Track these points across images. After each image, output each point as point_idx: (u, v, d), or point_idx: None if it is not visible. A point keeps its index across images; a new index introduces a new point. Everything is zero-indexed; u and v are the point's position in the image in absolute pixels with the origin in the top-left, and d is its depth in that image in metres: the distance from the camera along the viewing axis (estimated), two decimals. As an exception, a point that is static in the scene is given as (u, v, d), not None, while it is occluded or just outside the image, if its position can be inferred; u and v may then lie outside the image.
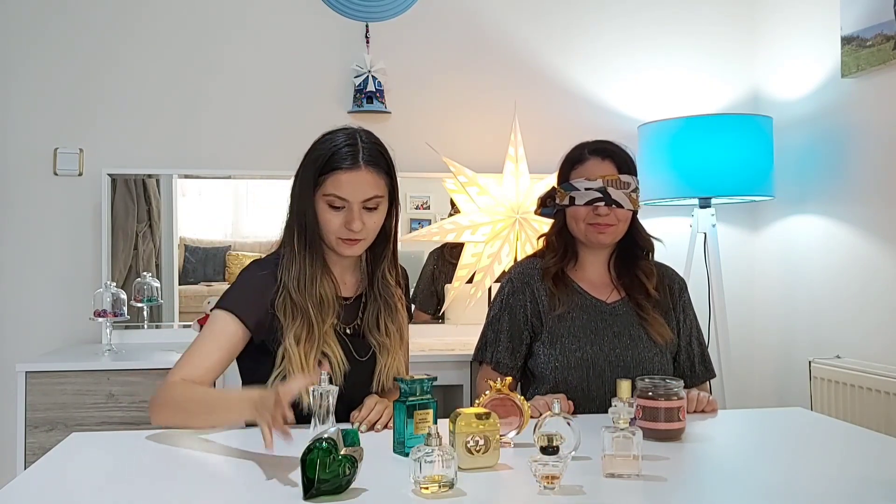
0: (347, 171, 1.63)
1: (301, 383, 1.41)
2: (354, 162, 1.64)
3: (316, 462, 1.17)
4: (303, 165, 1.69)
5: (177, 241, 3.02)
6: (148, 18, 3.00)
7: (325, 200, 1.65)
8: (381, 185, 1.68)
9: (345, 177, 1.63)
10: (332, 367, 1.64)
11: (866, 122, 2.69)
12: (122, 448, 1.55)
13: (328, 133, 1.70)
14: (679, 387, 1.54)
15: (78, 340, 2.89)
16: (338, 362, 1.65)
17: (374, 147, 1.68)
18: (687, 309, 2.00)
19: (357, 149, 1.65)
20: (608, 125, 3.13)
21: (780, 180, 2.92)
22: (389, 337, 1.74)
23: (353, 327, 1.74)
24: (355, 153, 1.64)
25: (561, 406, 1.40)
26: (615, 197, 1.88)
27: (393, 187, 1.72)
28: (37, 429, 2.38)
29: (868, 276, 2.68)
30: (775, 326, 3.17)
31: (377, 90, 3.03)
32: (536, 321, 1.92)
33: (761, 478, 1.31)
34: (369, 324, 1.74)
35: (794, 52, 3.06)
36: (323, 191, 1.65)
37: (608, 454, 1.30)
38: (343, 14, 3.09)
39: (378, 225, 1.70)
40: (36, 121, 2.94)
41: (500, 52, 3.17)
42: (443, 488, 1.20)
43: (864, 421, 2.42)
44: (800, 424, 1.77)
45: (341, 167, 1.63)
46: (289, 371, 1.62)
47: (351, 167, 1.63)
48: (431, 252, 3.12)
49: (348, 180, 1.63)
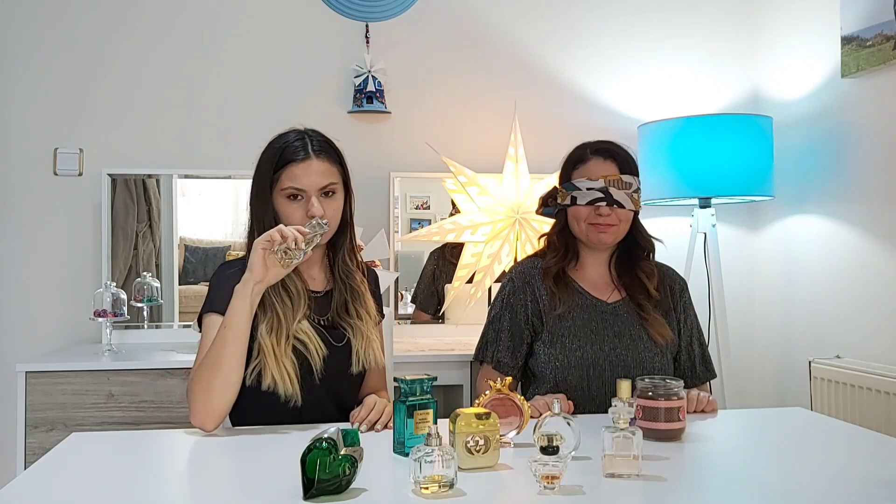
0: (301, 162, 1.70)
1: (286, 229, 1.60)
2: (306, 153, 1.71)
3: (316, 462, 1.17)
4: (257, 169, 1.75)
5: (177, 241, 3.02)
6: (148, 18, 3.00)
7: (283, 195, 1.71)
8: (334, 172, 1.74)
9: (298, 168, 1.70)
10: (311, 353, 1.68)
11: (866, 122, 2.69)
12: (122, 448, 1.55)
13: (278, 135, 1.77)
14: (679, 387, 1.54)
15: (78, 340, 2.89)
16: (315, 347, 1.68)
17: (322, 139, 1.77)
18: (687, 309, 2.00)
19: (306, 142, 1.73)
20: (608, 125, 3.13)
21: (780, 180, 2.92)
22: (361, 319, 1.78)
23: (327, 319, 1.77)
24: (305, 145, 1.72)
25: (561, 406, 1.40)
26: (617, 197, 1.88)
27: (346, 176, 1.78)
28: (37, 429, 2.38)
29: (868, 276, 2.68)
30: (775, 326, 3.17)
31: (377, 90, 3.03)
32: (537, 321, 1.92)
33: (761, 478, 1.31)
34: (339, 310, 1.77)
35: (794, 52, 3.06)
36: (280, 186, 1.71)
37: (608, 454, 1.30)
38: (343, 14, 3.09)
39: (338, 212, 1.76)
40: (36, 121, 2.94)
41: (500, 52, 3.17)
42: (443, 488, 1.20)
43: (864, 421, 2.42)
44: (800, 424, 1.77)
45: (294, 160, 1.70)
46: (264, 364, 1.64)
47: (304, 158, 1.70)
48: (431, 252, 3.12)
49: (303, 171, 1.70)
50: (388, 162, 3.02)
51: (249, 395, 1.65)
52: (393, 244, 3.02)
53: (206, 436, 1.57)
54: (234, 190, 3.11)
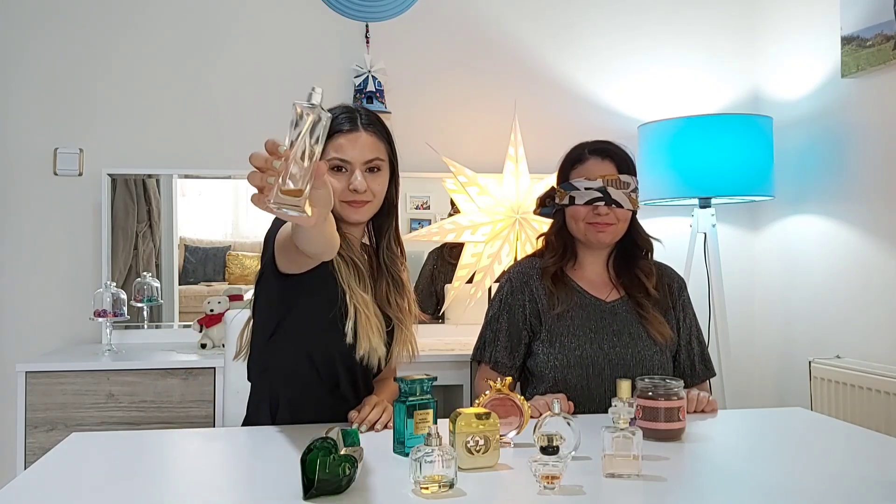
0: (347, 133, 1.66)
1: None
2: (353, 125, 1.67)
3: (316, 462, 1.17)
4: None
5: (177, 241, 3.02)
6: (148, 18, 3.00)
7: (328, 165, 1.64)
8: (381, 148, 1.70)
9: (345, 139, 1.66)
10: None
11: (866, 122, 2.69)
12: (122, 448, 1.54)
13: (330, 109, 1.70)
14: (679, 387, 1.54)
15: (78, 340, 2.89)
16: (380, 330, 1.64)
17: (372, 115, 1.72)
18: (686, 308, 2.00)
19: (355, 115, 1.69)
20: (608, 125, 3.13)
21: (780, 180, 2.92)
22: (402, 312, 1.74)
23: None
24: (354, 118, 1.68)
25: (561, 406, 1.40)
26: (615, 196, 1.88)
27: (393, 156, 1.74)
28: (37, 429, 2.38)
29: (868, 276, 2.68)
30: (775, 326, 3.17)
31: (377, 90, 3.03)
32: (535, 321, 1.92)
33: (761, 478, 1.31)
34: (380, 299, 1.72)
35: (794, 52, 3.06)
36: (325, 157, 1.64)
37: (608, 454, 1.30)
38: (343, 14, 3.09)
39: (382, 190, 1.71)
40: (36, 121, 2.94)
41: (500, 52, 3.17)
42: (443, 488, 1.19)
43: (864, 421, 2.42)
44: (800, 424, 1.77)
45: (341, 130, 1.66)
46: (366, 332, 1.60)
47: (351, 130, 1.66)
48: (431, 252, 3.12)
49: (349, 142, 1.66)
50: (388, 162, 3.02)
51: (304, 355, 1.61)
52: (393, 244, 3.02)
53: (206, 436, 1.57)
54: (234, 190, 3.11)
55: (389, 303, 1.72)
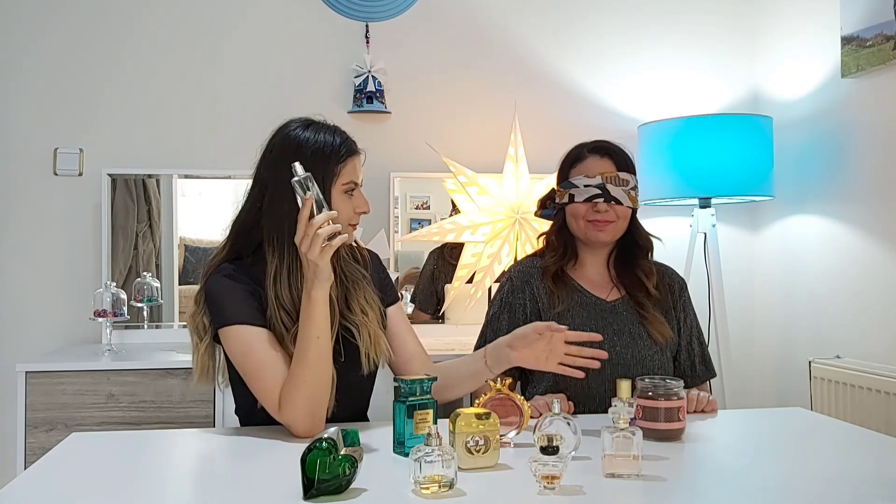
0: (357, 155, 1.65)
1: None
2: (356, 147, 1.66)
3: (316, 462, 1.17)
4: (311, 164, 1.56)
5: (177, 241, 3.02)
6: (148, 19, 3.00)
7: (342, 189, 1.62)
8: None
9: (357, 160, 1.65)
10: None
11: (866, 122, 2.69)
12: (122, 448, 1.55)
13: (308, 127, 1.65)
14: (679, 387, 1.54)
15: (78, 340, 2.89)
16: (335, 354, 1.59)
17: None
18: (687, 308, 2.00)
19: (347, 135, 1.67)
20: (608, 125, 3.13)
21: (780, 180, 2.92)
22: (365, 314, 1.66)
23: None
24: (353, 140, 1.66)
25: (561, 406, 1.40)
26: (614, 194, 1.88)
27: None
28: (37, 429, 2.38)
29: (868, 276, 2.68)
30: (775, 326, 3.17)
31: (377, 90, 3.03)
32: (536, 320, 1.91)
33: (761, 478, 1.31)
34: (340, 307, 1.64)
35: (794, 52, 3.06)
36: (341, 181, 1.62)
37: (608, 454, 1.30)
38: (343, 14, 3.09)
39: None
40: (36, 121, 2.94)
41: (500, 52, 3.17)
42: (443, 488, 1.19)
43: (864, 421, 2.42)
44: (800, 424, 1.77)
45: (355, 152, 1.65)
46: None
47: (357, 152, 1.65)
48: (431, 252, 3.12)
49: (357, 164, 1.65)
50: (388, 162, 3.02)
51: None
52: (393, 244, 3.02)
53: (206, 436, 1.57)
54: (234, 190, 3.10)
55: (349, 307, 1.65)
